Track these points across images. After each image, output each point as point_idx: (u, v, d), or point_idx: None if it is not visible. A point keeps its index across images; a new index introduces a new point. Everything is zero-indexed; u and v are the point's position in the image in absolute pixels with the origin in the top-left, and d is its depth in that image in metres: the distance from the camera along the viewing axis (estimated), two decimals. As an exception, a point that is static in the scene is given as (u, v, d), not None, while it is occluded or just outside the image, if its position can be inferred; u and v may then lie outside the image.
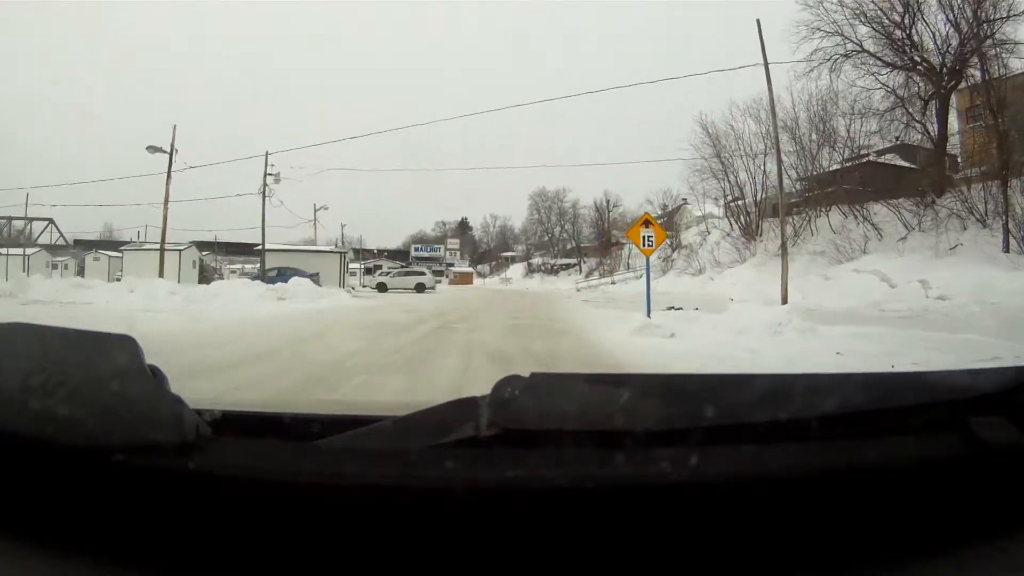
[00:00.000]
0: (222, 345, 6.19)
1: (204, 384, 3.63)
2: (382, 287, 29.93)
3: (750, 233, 28.68)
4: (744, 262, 26.65)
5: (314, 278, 20.00)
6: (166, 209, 18.10)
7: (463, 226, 73.81)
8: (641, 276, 38.68)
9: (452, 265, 58.27)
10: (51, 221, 40.15)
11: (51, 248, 40.97)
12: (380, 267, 38.93)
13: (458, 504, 0.49)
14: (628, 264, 43.59)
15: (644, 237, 8.82)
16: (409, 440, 0.53)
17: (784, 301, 10.41)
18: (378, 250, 60.59)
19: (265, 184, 22.27)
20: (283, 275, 19.45)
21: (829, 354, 5.60)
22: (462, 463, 0.50)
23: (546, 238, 61.86)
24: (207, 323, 8.45)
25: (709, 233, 32.69)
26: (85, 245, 40.59)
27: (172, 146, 18.36)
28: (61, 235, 44.08)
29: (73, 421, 0.49)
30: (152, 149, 18.16)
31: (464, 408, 0.54)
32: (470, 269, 64.24)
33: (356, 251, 53.40)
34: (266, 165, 22.34)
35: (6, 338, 0.58)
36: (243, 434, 0.58)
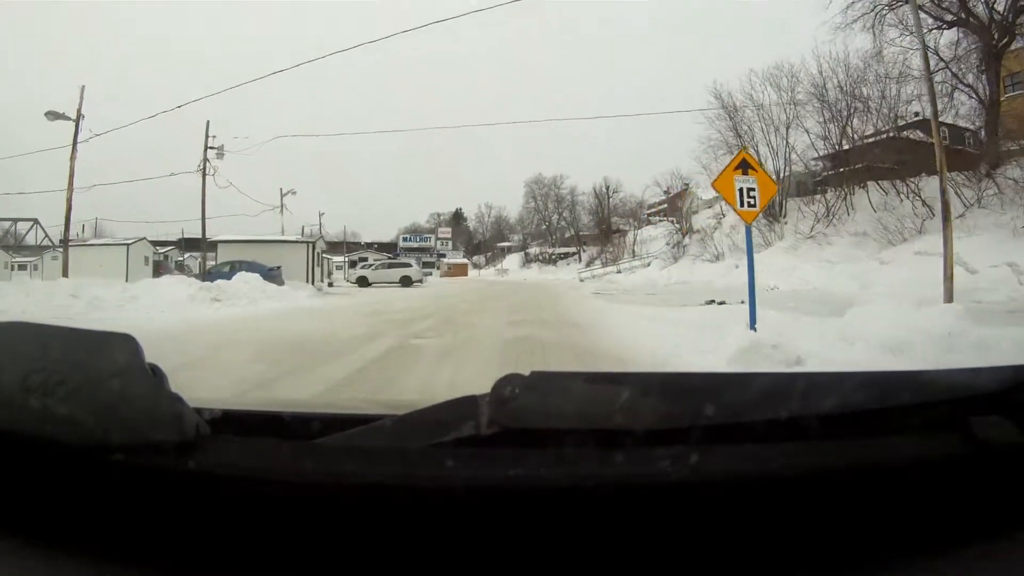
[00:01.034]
0: None
1: None
2: (363, 281, 26.81)
3: (773, 214, 25.16)
4: (771, 246, 23.51)
5: (273, 273, 16.68)
6: (70, 191, 14.59)
7: (457, 217, 73.42)
8: (649, 264, 35.44)
9: (444, 256, 54.87)
10: (35, 221, 37.19)
11: (36, 249, 37.46)
12: (366, 260, 35.28)
13: (458, 503, 0.51)
14: (633, 252, 40.05)
15: (741, 190, 5.20)
16: (409, 439, 0.54)
17: (949, 297, 6.84)
18: (366, 243, 56.83)
19: (205, 160, 18.64)
20: (236, 270, 15.90)
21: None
22: (462, 462, 0.51)
23: (543, 227, 60.04)
24: None
25: (724, 216, 29.14)
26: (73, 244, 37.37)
27: (79, 112, 14.79)
28: (47, 235, 41.02)
29: (73, 420, 0.51)
30: (52, 115, 14.51)
31: (464, 407, 0.55)
32: (464, 260, 61.48)
33: (335, 243, 49.66)
34: (207, 136, 18.74)
35: (6, 337, 0.59)
36: (243, 433, 0.59)
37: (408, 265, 30.02)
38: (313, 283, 22.47)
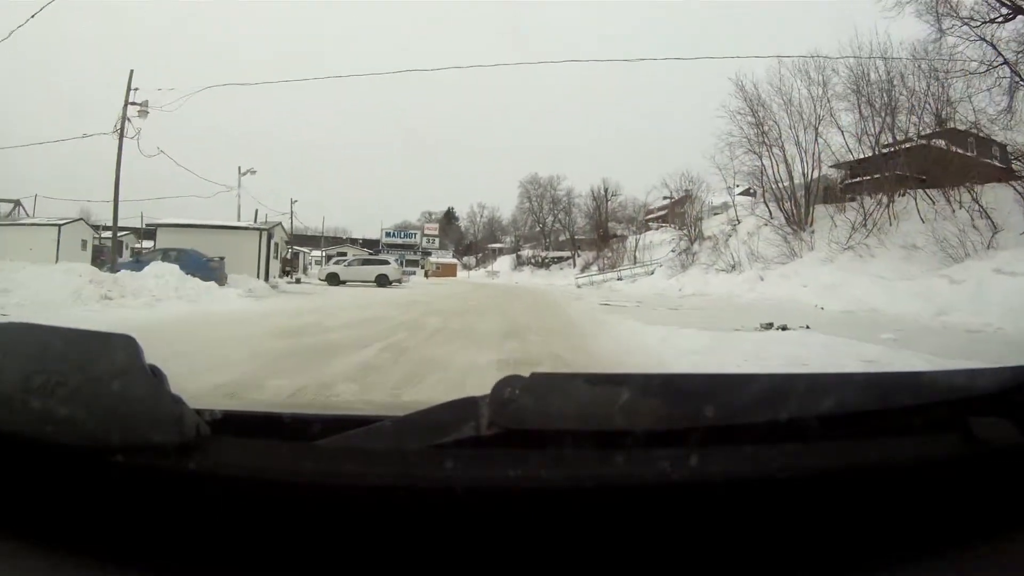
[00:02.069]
0: None
1: None
2: (333, 279, 23.76)
3: (798, 221, 22.15)
4: (798, 257, 20.46)
5: (213, 265, 13.47)
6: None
7: (449, 216, 72.16)
8: (653, 272, 32.36)
9: (429, 255, 51.19)
10: (17, 203, 34.67)
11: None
12: (345, 255, 31.99)
13: (458, 504, 0.52)
14: (635, 258, 37.00)
15: None
16: (409, 440, 0.55)
17: None
18: (350, 238, 53.48)
19: (125, 117, 15.15)
20: (169, 260, 12.72)
21: None
22: (462, 463, 0.52)
23: (537, 228, 57.09)
24: None
25: (739, 222, 26.12)
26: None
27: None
28: (27, 215, 38.35)
29: (73, 421, 0.52)
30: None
31: (464, 408, 0.56)
32: (454, 260, 58.70)
33: (312, 237, 46.15)
34: (129, 90, 15.24)
35: (6, 338, 0.60)
36: (243, 434, 0.60)
37: (385, 263, 27.11)
38: (268, 278, 19.18)
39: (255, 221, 24.52)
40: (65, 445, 0.51)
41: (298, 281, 26.29)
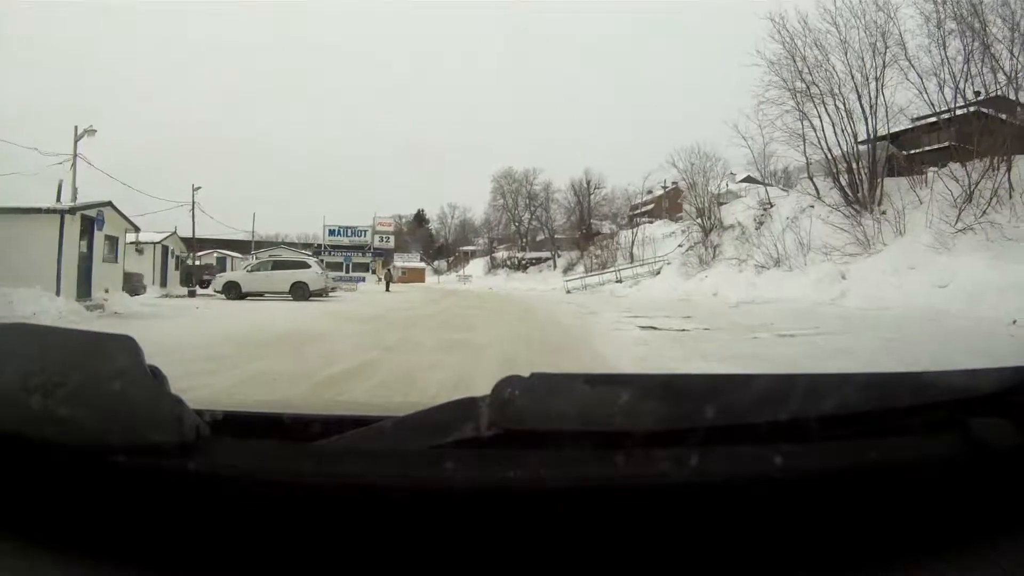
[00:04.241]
0: None
1: None
2: (232, 290, 16.72)
3: (862, 200, 16.41)
4: (882, 244, 14.66)
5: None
6: None
7: (419, 219, 68.49)
8: (660, 271, 26.44)
9: (382, 255, 44.03)
10: None
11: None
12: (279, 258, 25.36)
13: (458, 505, 0.54)
14: (632, 255, 31.00)
15: None
16: (409, 440, 0.57)
17: None
18: (302, 243, 46.39)
19: None
20: None
21: None
22: (462, 463, 0.54)
23: (513, 227, 50.79)
24: None
25: (772, 205, 20.32)
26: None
27: None
28: None
29: (73, 421, 0.53)
30: None
31: (464, 408, 0.58)
32: (422, 264, 52.21)
33: (239, 242, 39.25)
34: None
35: (6, 338, 0.61)
36: (244, 435, 0.62)
37: (303, 265, 21.03)
38: (89, 294, 12.56)
39: (57, 198, 14.70)
40: (65, 445, 0.52)
41: (191, 294, 19.83)
